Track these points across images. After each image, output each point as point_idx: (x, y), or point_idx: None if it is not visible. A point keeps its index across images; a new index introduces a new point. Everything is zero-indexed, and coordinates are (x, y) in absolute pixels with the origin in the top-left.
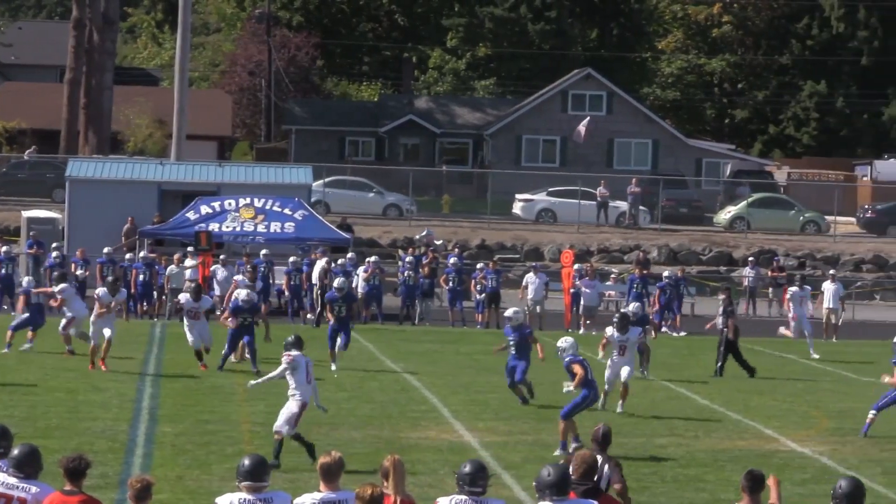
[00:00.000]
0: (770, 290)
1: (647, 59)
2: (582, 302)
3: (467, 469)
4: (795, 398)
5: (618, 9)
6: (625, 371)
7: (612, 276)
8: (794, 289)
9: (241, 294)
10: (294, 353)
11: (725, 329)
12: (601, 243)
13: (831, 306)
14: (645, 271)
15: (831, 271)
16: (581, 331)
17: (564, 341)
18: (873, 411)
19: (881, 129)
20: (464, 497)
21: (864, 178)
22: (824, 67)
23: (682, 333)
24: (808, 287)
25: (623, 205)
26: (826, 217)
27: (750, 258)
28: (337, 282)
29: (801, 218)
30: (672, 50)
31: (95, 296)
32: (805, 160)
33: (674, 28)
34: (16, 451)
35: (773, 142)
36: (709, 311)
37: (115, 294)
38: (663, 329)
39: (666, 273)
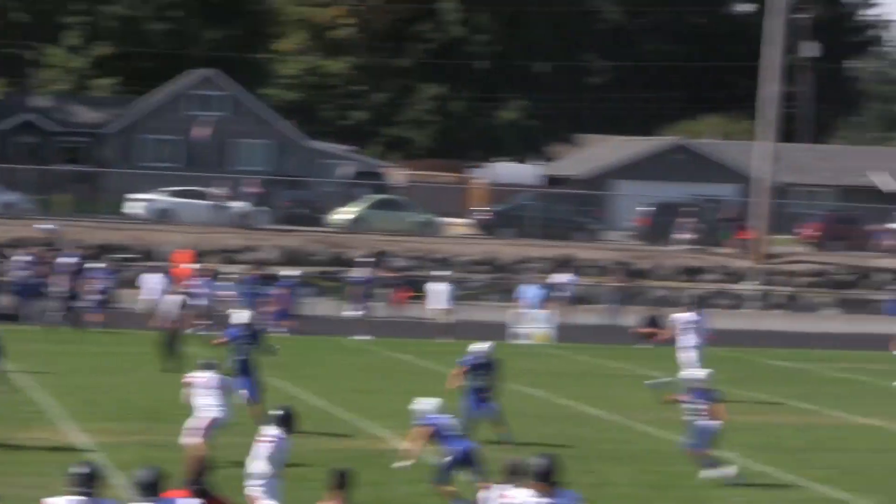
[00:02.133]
0: (384, 290)
1: (269, 60)
2: (196, 302)
3: (81, 470)
4: (408, 397)
5: (239, 10)
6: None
7: (229, 276)
8: None
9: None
10: None
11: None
12: (219, 244)
13: (444, 306)
14: (261, 272)
15: (441, 272)
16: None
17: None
18: None
19: (496, 133)
20: (76, 499)
21: (479, 181)
22: (443, 71)
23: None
24: None
25: (242, 205)
26: (441, 218)
27: (365, 259)
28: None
29: (417, 219)
30: (293, 52)
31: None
32: (422, 162)
33: (295, 30)
34: None
35: (391, 144)
36: (325, 311)
37: None
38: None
39: (284, 273)
